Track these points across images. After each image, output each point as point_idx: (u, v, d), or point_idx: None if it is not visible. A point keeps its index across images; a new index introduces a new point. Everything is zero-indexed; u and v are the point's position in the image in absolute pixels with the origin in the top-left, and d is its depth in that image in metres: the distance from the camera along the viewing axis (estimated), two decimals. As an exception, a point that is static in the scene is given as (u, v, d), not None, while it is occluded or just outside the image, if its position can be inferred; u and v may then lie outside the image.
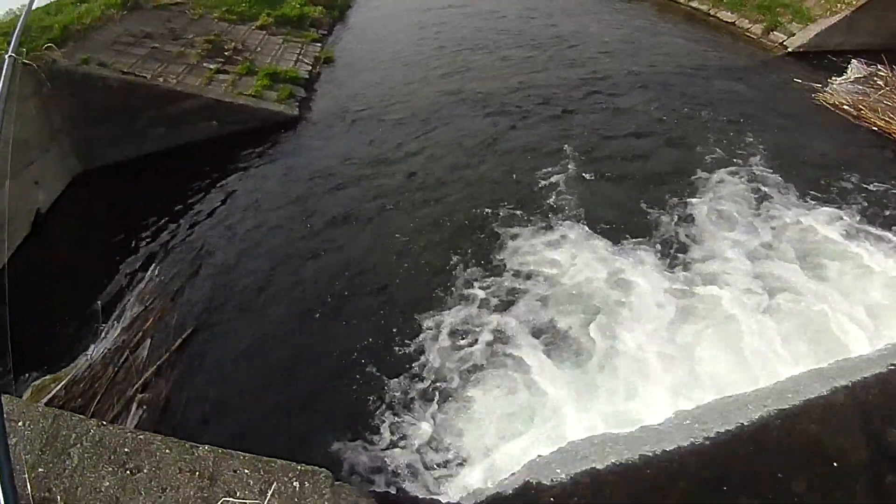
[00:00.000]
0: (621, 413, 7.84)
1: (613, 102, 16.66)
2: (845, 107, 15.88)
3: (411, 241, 11.32)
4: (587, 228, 11.22)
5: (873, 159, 13.49)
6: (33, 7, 13.03)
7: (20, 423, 5.41)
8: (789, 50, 20.09)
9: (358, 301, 9.94)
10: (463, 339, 9.06)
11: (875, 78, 17.22)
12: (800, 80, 17.55)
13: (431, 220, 11.90)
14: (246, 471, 5.39)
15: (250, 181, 14.00)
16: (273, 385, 8.60)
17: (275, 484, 5.34)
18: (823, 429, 6.79)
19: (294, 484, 5.41)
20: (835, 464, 6.44)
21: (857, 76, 17.61)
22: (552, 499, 6.16)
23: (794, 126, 15.04)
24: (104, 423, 5.63)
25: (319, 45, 22.35)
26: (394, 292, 10.07)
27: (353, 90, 18.81)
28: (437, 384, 8.32)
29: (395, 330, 9.26)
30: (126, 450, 5.34)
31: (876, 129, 14.84)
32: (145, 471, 5.22)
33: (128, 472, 5.20)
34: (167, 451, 5.39)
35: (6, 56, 9.21)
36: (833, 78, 17.52)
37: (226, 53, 18.34)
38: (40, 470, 5.13)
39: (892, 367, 7.58)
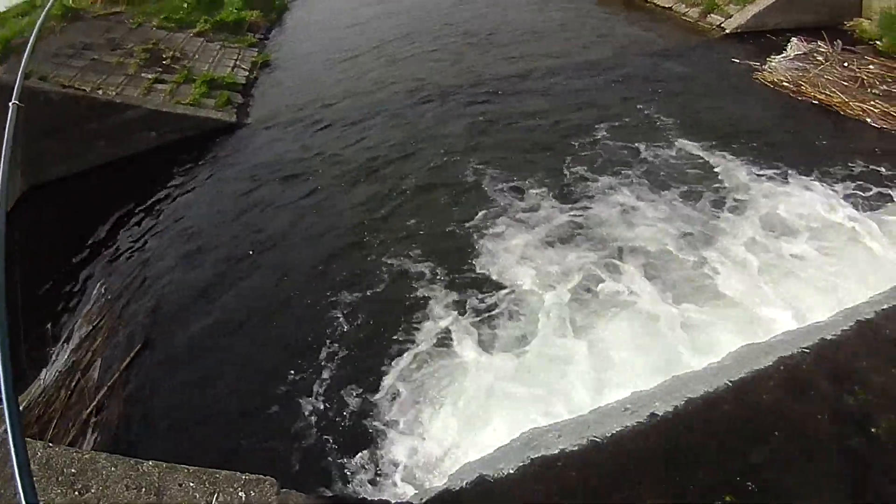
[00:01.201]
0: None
1: (549, 87, 17.04)
2: (785, 83, 16.15)
3: (346, 238, 11.63)
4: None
5: (813, 127, 13.94)
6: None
7: (-35, 450, 5.43)
8: (727, 32, 20.16)
9: (300, 307, 10.10)
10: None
11: (815, 54, 17.55)
12: (737, 60, 17.83)
13: (364, 214, 12.25)
14: (191, 483, 5.56)
15: (191, 190, 14.11)
16: (222, 395, 8.73)
17: (220, 495, 5.53)
18: (777, 398, 7.01)
19: (240, 494, 5.59)
20: (794, 432, 6.65)
21: (796, 53, 17.83)
22: (503, 491, 6.32)
23: (732, 102, 15.39)
24: (50, 444, 5.78)
25: (256, 49, 22.44)
26: (339, 295, 10.19)
27: (289, 93, 19.01)
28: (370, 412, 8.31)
29: (337, 332, 9.43)
30: (73, 470, 5.48)
31: (816, 102, 15.12)
32: (93, 490, 5.38)
33: (76, 492, 5.34)
34: (113, 468, 5.54)
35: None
36: (773, 56, 17.78)
37: (164, 62, 18.38)
38: (-11, 495, 5.22)
39: (835, 336, 7.81)
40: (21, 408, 8.23)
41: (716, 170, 12.45)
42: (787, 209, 11.03)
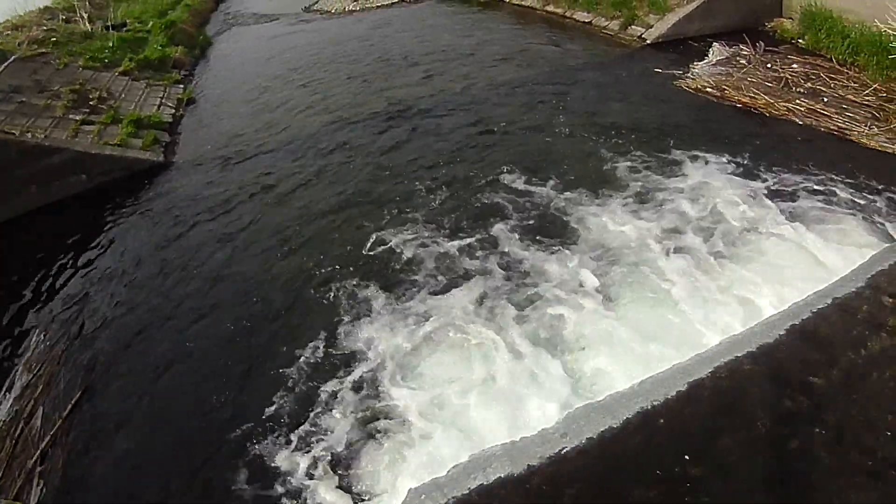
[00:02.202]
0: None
1: (470, 106, 18.03)
2: (708, 89, 16.83)
3: (278, 268, 12.32)
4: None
5: (735, 129, 14.80)
6: None
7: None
8: (648, 42, 20.90)
9: (239, 343, 10.54)
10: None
11: (738, 58, 18.39)
12: (660, 69, 18.55)
13: (292, 244, 12.99)
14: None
15: (121, 234, 14.31)
16: (167, 440, 9.00)
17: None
18: (712, 410, 7.16)
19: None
20: (730, 441, 6.80)
21: (718, 58, 18.61)
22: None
23: (653, 110, 16.14)
24: (5, 499, 6.14)
25: (182, 86, 22.62)
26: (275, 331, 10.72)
27: (215, 129, 19.36)
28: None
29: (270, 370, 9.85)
30: None
31: (740, 105, 15.85)
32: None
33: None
34: None
35: None
36: (695, 63, 18.54)
37: (91, 103, 18.51)
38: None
39: (764, 344, 7.98)
40: None
41: (638, 172, 13.50)
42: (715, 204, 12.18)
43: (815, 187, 12.50)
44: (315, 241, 12.95)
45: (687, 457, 6.65)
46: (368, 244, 12.48)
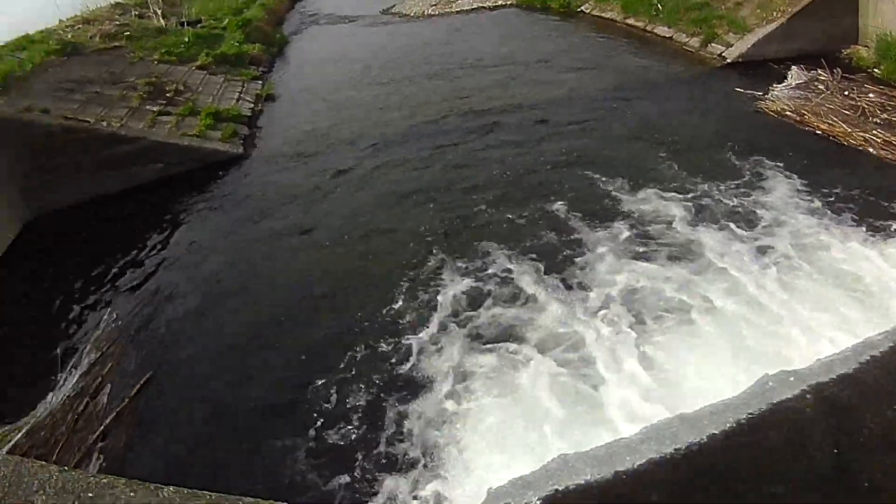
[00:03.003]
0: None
1: (549, 116, 17.29)
2: (788, 112, 16.06)
3: (356, 264, 11.70)
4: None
5: (819, 159, 13.82)
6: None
7: (-22, 473, 5.30)
8: (728, 61, 20.24)
9: (307, 331, 10.07)
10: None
11: (816, 82, 17.56)
12: (741, 90, 17.78)
13: (368, 244, 12.30)
14: (214, 509, 5.34)
15: (199, 221, 14.05)
16: (233, 425, 8.58)
17: (241, 521, 5.29)
18: (792, 432, 6.88)
19: (260, 520, 5.37)
20: (807, 462, 6.56)
21: (797, 82, 17.84)
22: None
23: (740, 133, 15.29)
24: (65, 468, 5.53)
25: (260, 82, 22.48)
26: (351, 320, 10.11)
27: (294, 124, 19.07)
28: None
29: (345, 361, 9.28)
30: (90, 494, 5.20)
31: (819, 132, 15.03)
32: (111, 517, 5.16)
33: (93, 518, 5.12)
34: (132, 493, 5.25)
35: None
36: (774, 85, 17.76)
37: (167, 95, 18.34)
38: (3, 519, 5.04)
39: (860, 365, 7.70)
40: (26, 430, 8.41)
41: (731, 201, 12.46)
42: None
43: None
44: (385, 230, 12.60)
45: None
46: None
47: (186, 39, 22.96)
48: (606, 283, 10.19)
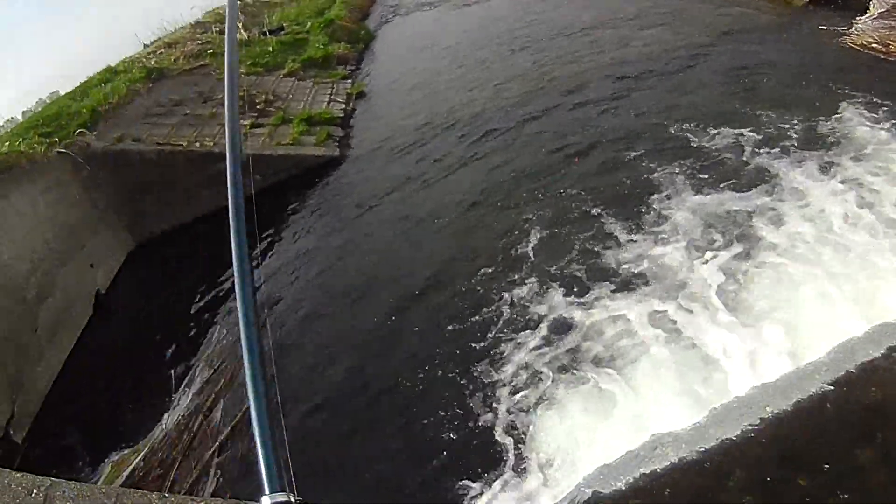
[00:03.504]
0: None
1: (650, 72, 16.71)
2: (874, 45, 15.32)
3: (464, 258, 11.14)
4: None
5: None
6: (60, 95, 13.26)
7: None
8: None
9: (425, 341, 9.51)
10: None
11: None
12: (825, 27, 17.08)
13: (473, 238, 11.70)
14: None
15: (302, 229, 13.99)
16: (353, 434, 8.36)
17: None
18: (885, 393, 6.32)
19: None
20: None
21: (879, 11, 16.72)
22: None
23: (830, 71, 14.50)
24: (166, 494, 5.42)
25: (349, 81, 22.30)
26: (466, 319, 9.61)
27: (388, 121, 18.79)
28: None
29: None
30: None
31: None
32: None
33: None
34: None
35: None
36: (858, 18, 16.75)
37: (258, 106, 18.48)
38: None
39: None
40: (143, 454, 8.59)
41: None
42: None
43: None
44: (492, 216, 12.02)
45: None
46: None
47: (271, 48, 23.15)
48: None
